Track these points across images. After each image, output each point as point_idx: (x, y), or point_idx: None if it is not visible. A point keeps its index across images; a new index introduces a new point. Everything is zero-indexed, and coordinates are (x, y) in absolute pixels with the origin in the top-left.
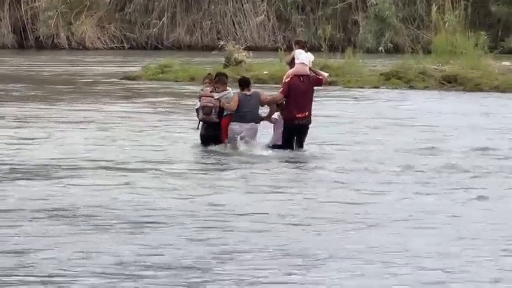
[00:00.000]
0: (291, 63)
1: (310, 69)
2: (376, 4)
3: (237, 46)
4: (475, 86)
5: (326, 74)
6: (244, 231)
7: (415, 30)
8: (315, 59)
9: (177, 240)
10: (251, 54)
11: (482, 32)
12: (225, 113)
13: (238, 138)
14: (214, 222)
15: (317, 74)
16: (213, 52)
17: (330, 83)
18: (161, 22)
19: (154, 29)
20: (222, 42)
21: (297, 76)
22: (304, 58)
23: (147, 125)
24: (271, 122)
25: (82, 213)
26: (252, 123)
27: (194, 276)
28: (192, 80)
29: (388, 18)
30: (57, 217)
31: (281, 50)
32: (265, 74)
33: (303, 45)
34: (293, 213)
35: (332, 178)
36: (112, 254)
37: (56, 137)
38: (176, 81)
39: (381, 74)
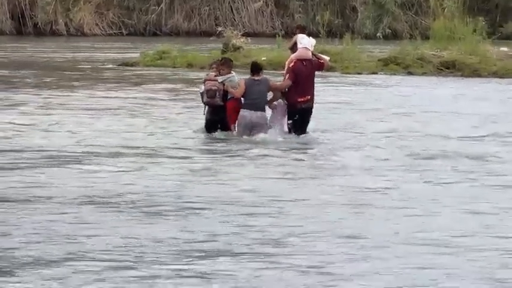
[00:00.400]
0: (293, 47)
1: (312, 53)
2: None
3: (235, 32)
4: (473, 72)
5: (327, 58)
6: (296, 217)
7: (414, 16)
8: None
9: (228, 227)
10: (249, 40)
11: (480, 18)
12: (229, 96)
13: (248, 131)
14: (260, 208)
15: (318, 58)
16: (211, 38)
17: (328, 69)
18: (159, 8)
19: (153, 15)
20: (220, 28)
21: (300, 60)
22: (306, 43)
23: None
24: (270, 107)
25: (125, 199)
26: (262, 112)
27: (256, 261)
28: (190, 66)
29: (387, 4)
30: (103, 204)
31: (279, 36)
32: (264, 60)
33: (304, 30)
34: (333, 200)
35: (348, 164)
36: (167, 242)
37: (84, 123)
38: (174, 67)
39: (379, 60)
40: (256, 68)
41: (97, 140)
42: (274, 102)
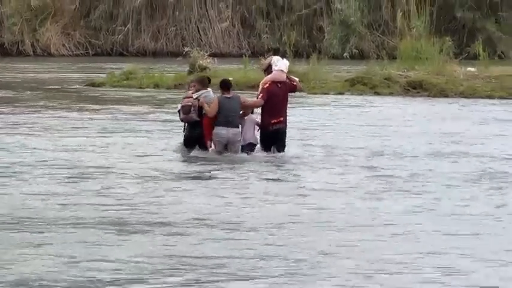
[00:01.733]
0: (267, 69)
1: (286, 76)
2: (341, 10)
3: (201, 52)
4: (440, 92)
5: (297, 79)
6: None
7: (380, 36)
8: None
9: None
10: (216, 60)
11: (447, 38)
12: (204, 111)
13: (223, 146)
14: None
15: (291, 81)
16: (177, 58)
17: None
18: (126, 29)
19: (119, 36)
20: (186, 49)
21: (275, 83)
22: (281, 65)
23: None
24: (241, 122)
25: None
26: (236, 128)
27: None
28: (156, 86)
29: (353, 24)
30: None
31: (246, 56)
32: (230, 80)
33: (278, 52)
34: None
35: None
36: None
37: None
38: (141, 87)
39: (346, 80)
40: (226, 85)
41: (60, 160)
42: (244, 117)
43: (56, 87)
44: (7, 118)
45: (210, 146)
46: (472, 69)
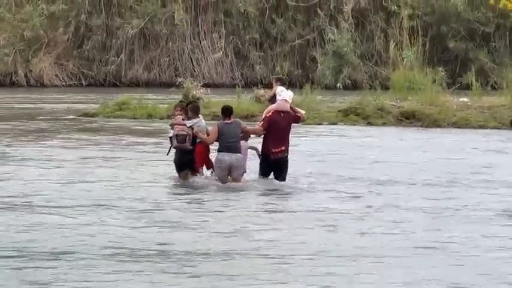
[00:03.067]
0: (272, 99)
1: (290, 106)
2: (334, 40)
3: (195, 83)
4: (433, 122)
5: (303, 112)
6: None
7: (373, 66)
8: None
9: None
10: (209, 91)
11: (439, 68)
12: (198, 140)
13: (225, 172)
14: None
15: (295, 112)
16: (171, 89)
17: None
18: (119, 59)
19: (112, 66)
20: (180, 79)
21: (278, 112)
22: (286, 95)
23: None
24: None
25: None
26: (239, 154)
27: None
28: (150, 116)
29: (346, 54)
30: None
31: (239, 86)
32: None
33: (283, 82)
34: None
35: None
36: None
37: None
38: (134, 118)
39: (339, 111)
40: (227, 112)
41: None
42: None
43: (49, 117)
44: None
45: (202, 173)
46: (465, 99)
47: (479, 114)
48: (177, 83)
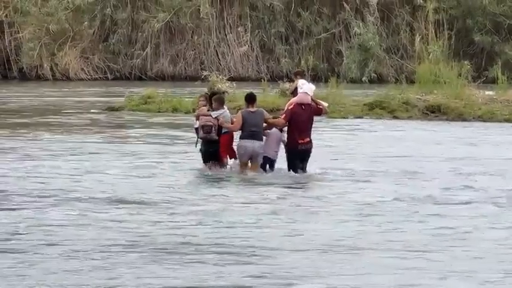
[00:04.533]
0: (294, 92)
1: (311, 99)
2: (360, 34)
3: (220, 77)
4: (458, 116)
5: (326, 104)
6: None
7: (399, 60)
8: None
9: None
10: (234, 84)
11: (465, 62)
12: (223, 130)
13: (248, 158)
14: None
15: (317, 104)
16: (196, 82)
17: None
18: (145, 53)
19: (138, 60)
20: (205, 73)
21: (299, 105)
22: (307, 88)
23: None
24: (264, 134)
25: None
26: (260, 142)
27: None
28: (175, 110)
29: (372, 48)
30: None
31: (265, 80)
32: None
33: (303, 76)
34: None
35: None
36: None
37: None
38: (159, 111)
39: (364, 104)
40: (251, 99)
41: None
42: (268, 131)
43: (75, 111)
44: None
45: (227, 164)
46: (491, 93)
47: (505, 108)
48: (203, 77)
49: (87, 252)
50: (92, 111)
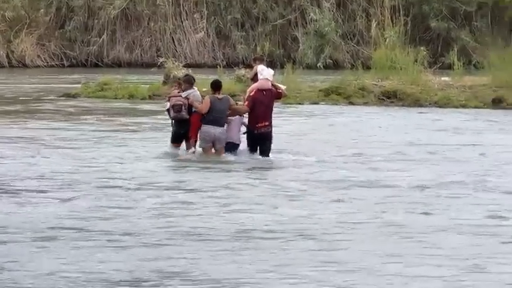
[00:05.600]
0: (254, 77)
1: (271, 83)
2: (316, 20)
3: (176, 63)
4: (414, 102)
5: (284, 87)
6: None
7: (355, 46)
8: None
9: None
10: (190, 71)
11: (421, 48)
12: (193, 109)
13: (209, 143)
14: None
15: (277, 88)
16: (152, 69)
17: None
18: (101, 39)
19: (94, 47)
20: (161, 60)
21: (261, 90)
22: (266, 74)
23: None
24: (226, 121)
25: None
26: (223, 128)
27: None
28: (131, 97)
29: (328, 34)
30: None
31: (220, 67)
32: (204, 90)
33: (262, 61)
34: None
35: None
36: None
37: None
38: (115, 98)
39: (320, 90)
40: (217, 86)
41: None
42: (231, 117)
43: (31, 98)
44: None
45: (195, 146)
46: (447, 78)
47: (461, 94)
48: (159, 64)
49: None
50: (48, 98)
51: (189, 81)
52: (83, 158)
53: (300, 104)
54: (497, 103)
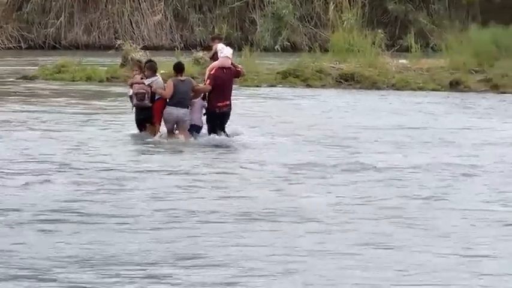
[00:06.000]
0: (214, 56)
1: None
2: (274, 3)
3: (133, 45)
4: (372, 84)
5: (241, 67)
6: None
7: (313, 28)
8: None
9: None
10: (148, 53)
11: (379, 30)
12: (156, 97)
13: (172, 125)
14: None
15: (235, 67)
16: (110, 51)
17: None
18: (58, 22)
19: (52, 29)
20: (119, 42)
21: (221, 68)
22: (227, 52)
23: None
24: (190, 104)
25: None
26: (186, 109)
27: None
28: (89, 79)
29: (285, 16)
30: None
31: (178, 49)
32: (162, 73)
33: (221, 39)
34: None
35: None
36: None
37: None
38: (73, 80)
39: (277, 73)
40: (180, 69)
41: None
42: (194, 100)
43: None
44: None
45: (159, 130)
46: (404, 61)
47: (419, 76)
48: (116, 46)
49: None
50: (9, 80)
51: (153, 69)
52: (73, 140)
53: (257, 86)
54: (454, 86)
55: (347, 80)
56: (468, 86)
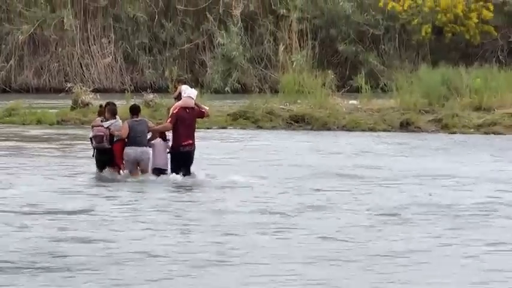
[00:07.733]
0: (178, 97)
1: (195, 103)
2: (224, 45)
3: (84, 88)
4: (322, 125)
5: (207, 108)
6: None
7: (263, 70)
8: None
9: None
10: (98, 96)
11: (329, 71)
12: (115, 139)
13: (133, 165)
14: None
15: (200, 108)
16: (60, 94)
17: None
18: (9, 65)
19: (2, 72)
20: (69, 85)
21: (184, 108)
22: (190, 92)
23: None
24: (149, 145)
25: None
26: (144, 147)
27: None
28: (39, 122)
29: (236, 58)
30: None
31: (128, 91)
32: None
33: (185, 82)
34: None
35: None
36: None
37: None
38: (23, 124)
39: (228, 115)
40: (135, 110)
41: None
42: (153, 141)
43: None
44: None
45: (123, 170)
46: (355, 102)
47: (369, 117)
48: (67, 89)
49: None
50: None
51: (112, 112)
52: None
53: (208, 128)
54: (405, 126)
55: (297, 122)
56: (418, 127)
